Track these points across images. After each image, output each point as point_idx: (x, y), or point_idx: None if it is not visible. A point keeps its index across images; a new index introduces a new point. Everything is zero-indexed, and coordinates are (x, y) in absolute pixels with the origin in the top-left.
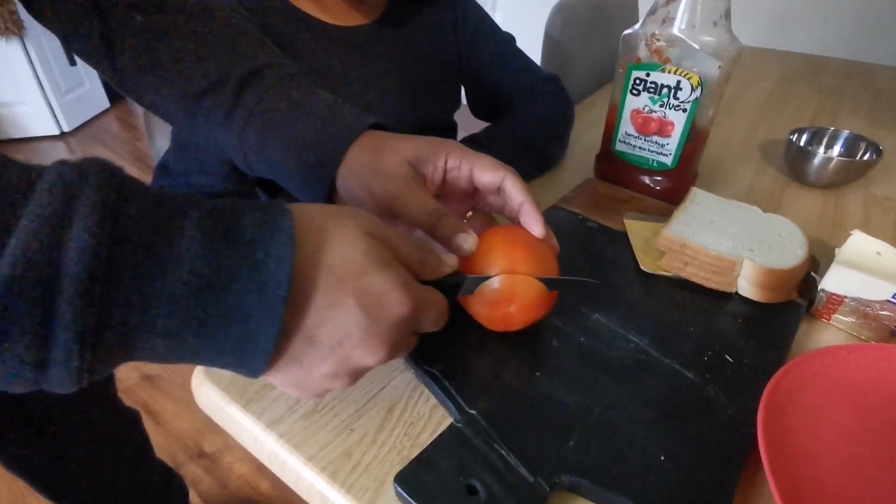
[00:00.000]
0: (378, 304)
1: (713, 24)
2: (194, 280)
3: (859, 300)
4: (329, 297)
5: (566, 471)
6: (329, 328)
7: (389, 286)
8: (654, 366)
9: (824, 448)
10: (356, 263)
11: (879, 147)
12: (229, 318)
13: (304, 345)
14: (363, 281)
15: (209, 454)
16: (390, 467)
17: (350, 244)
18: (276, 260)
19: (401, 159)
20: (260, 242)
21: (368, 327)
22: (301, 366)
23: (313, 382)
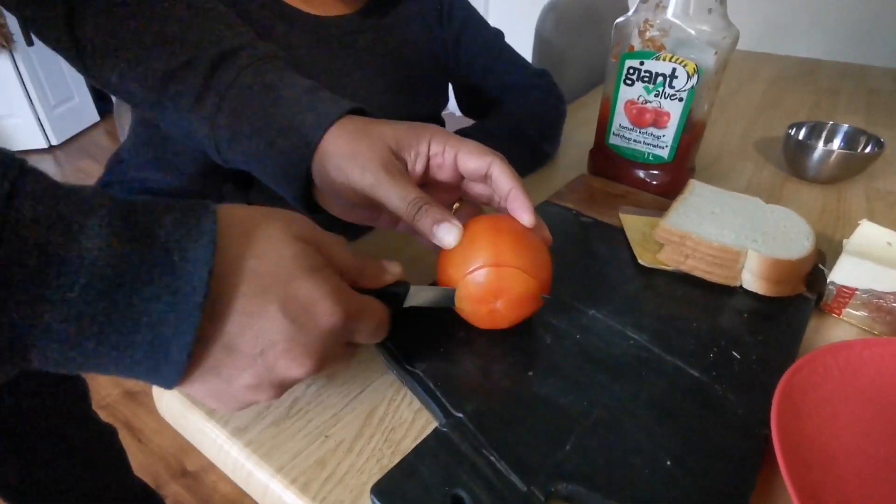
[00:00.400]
0: (305, 313)
1: (708, 10)
2: (96, 282)
3: (872, 292)
4: (252, 304)
5: (563, 478)
6: (251, 337)
7: (318, 294)
8: (656, 363)
9: (842, 449)
10: (283, 268)
11: (881, 140)
12: (137, 324)
13: (222, 354)
14: (290, 287)
15: (192, 473)
16: (368, 477)
17: (278, 248)
18: (193, 263)
19: (380, 145)
20: (177, 243)
21: (294, 337)
22: (219, 376)
23: (233, 394)
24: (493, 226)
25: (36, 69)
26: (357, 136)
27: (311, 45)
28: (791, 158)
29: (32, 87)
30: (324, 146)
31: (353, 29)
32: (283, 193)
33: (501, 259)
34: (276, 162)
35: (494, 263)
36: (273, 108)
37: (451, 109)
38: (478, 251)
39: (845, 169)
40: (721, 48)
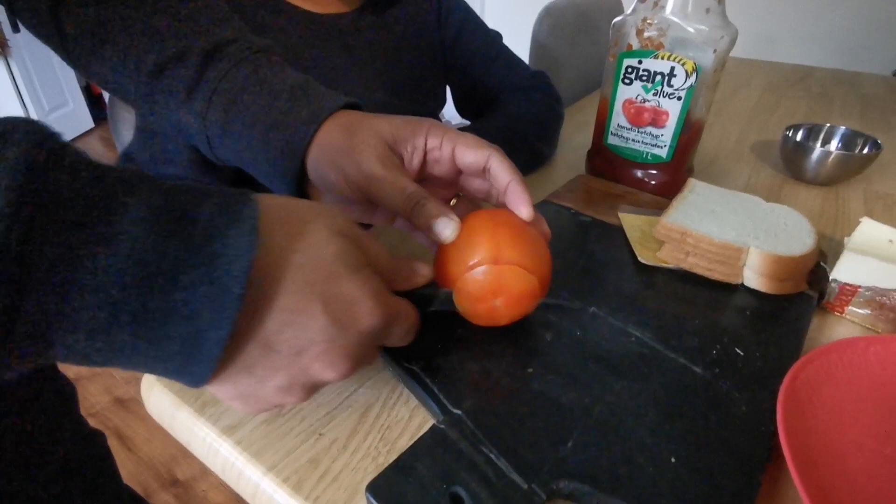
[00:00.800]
0: (347, 313)
1: (706, 10)
2: (133, 267)
3: (874, 289)
4: (294, 301)
5: (564, 476)
6: (291, 335)
7: (361, 294)
8: (659, 361)
9: (849, 446)
10: (327, 265)
11: (878, 141)
12: (173, 315)
13: (258, 352)
14: (334, 285)
15: (182, 482)
16: (363, 476)
17: (322, 243)
18: (234, 252)
19: (376, 138)
20: (217, 231)
21: (334, 337)
22: (252, 376)
23: (263, 396)
24: (492, 220)
25: (30, 74)
26: (352, 129)
27: (307, 41)
28: (789, 160)
29: (27, 92)
30: (318, 140)
31: (351, 27)
32: (275, 189)
33: (501, 255)
34: (269, 157)
35: (494, 260)
36: (266, 103)
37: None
38: (476, 247)
39: (843, 170)
40: (719, 47)
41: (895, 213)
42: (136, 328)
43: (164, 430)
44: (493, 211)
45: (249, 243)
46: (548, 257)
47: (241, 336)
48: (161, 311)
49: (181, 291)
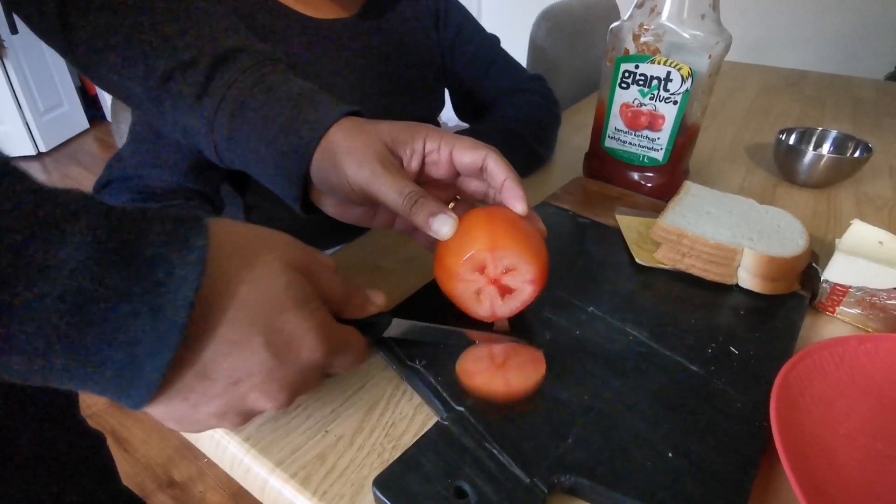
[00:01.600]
0: (289, 348)
1: (701, 16)
2: (72, 296)
3: (865, 290)
4: (236, 333)
5: (566, 470)
6: (228, 366)
7: (304, 329)
8: (656, 359)
9: (840, 441)
10: (273, 299)
11: (869, 145)
12: (111, 342)
13: (194, 380)
14: (277, 320)
15: (179, 483)
16: (369, 471)
17: (272, 276)
18: (179, 281)
19: (376, 141)
20: (163, 259)
21: (273, 370)
22: (186, 401)
23: (196, 419)
24: (488, 215)
25: (26, 75)
26: (353, 133)
27: (306, 46)
28: (782, 163)
29: (22, 93)
30: (322, 145)
31: (349, 32)
32: (280, 194)
33: (497, 244)
34: (275, 162)
35: (491, 248)
36: (273, 110)
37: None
38: (474, 238)
39: (835, 173)
40: (714, 52)
41: (885, 215)
42: (73, 353)
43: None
44: (491, 208)
45: (195, 273)
46: (544, 251)
47: (179, 363)
48: (100, 337)
49: (121, 319)
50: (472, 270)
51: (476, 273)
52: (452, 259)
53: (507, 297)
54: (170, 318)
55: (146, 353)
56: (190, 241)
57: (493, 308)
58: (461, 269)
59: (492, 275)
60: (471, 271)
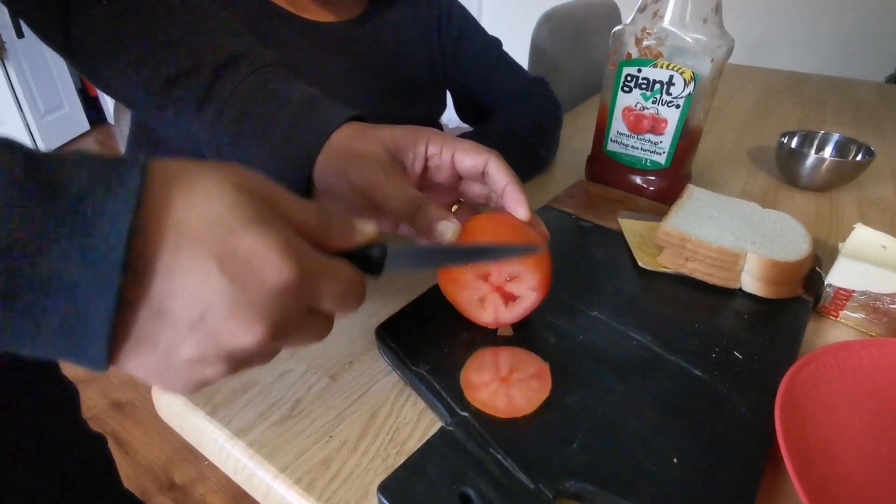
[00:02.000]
0: (248, 269)
1: (703, 20)
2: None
3: (868, 294)
4: (181, 261)
5: (571, 476)
6: (184, 300)
7: (263, 246)
8: (659, 363)
9: (844, 446)
10: (219, 219)
11: (871, 148)
12: (47, 289)
13: (154, 321)
14: (228, 240)
15: (180, 486)
16: (374, 476)
17: (212, 197)
18: (110, 217)
19: (379, 146)
20: (90, 197)
21: (236, 297)
22: (156, 349)
23: (177, 369)
24: (491, 221)
25: (27, 77)
26: (356, 138)
27: (305, 50)
28: (784, 166)
29: (23, 94)
30: (325, 150)
31: (349, 36)
32: None
33: None
34: (278, 168)
35: None
36: (276, 115)
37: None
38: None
39: (837, 176)
40: (717, 56)
41: (888, 219)
42: (7, 303)
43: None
44: (493, 214)
45: (127, 206)
46: (547, 258)
47: (132, 307)
48: (32, 284)
49: (52, 263)
50: (476, 278)
51: (480, 280)
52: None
53: (510, 304)
54: (105, 257)
55: (87, 300)
56: (123, 176)
57: (497, 315)
58: (465, 276)
59: (495, 282)
60: (475, 279)
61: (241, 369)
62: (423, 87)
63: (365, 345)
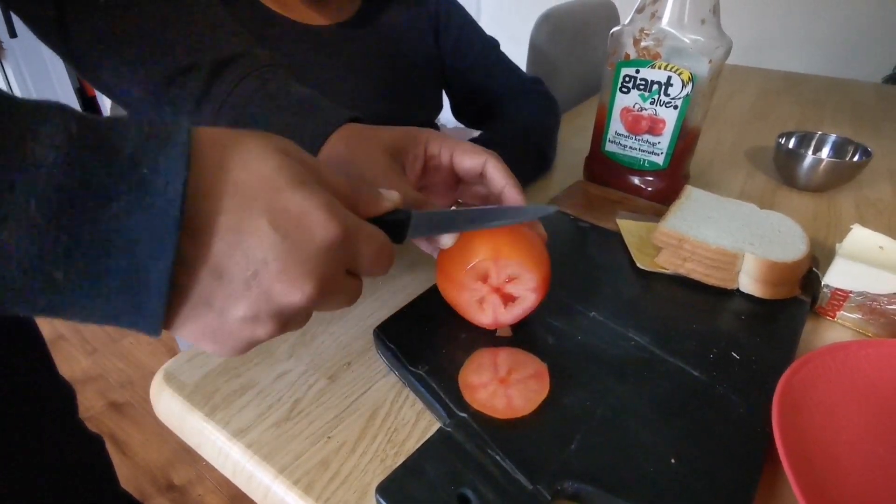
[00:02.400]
0: (298, 226)
1: (701, 21)
2: (54, 194)
3: (865, 294)
4: (237, 218)
5: (569, 477)
6: (240, 257)
7: (310, 205)
8: (658, 364)
9: (842, 446)
10: (268, 179)
11: (868, 149)
12: (107, 246)
13: (212, 280)
14: (278, 199)
15: (178, 487)
16: (372, 478)
17: (260, 159)
18: (165, 176)
19: (378, 148)
20: (145, 156)
21: (287, 253)
22: (211, 308)
23: (231, 329)
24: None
25: (24, 77)
26: (355, 140)
27: (302, 53)
28: (782, 167)
29: (20, 94)
30: (323, 152)
31: (343, 38)
32: None
33: (501, 254)
34: None
35: (494, 258)
36: (273, 117)
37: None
38: (477, 247)
39: (835, 177)
40: (715, 57)
41: (886, 219)
42: (69, 262)
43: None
44: None
45: (180, 165)
46: (546, 259)
47: (190, 265)
48: (93, 242)
49: (112, 220)
50: (475, 280)
51: (479, 282)
52: (455, 268)
53: (509, 305)
54: (163, 213)
55: (147, 256)
56: (171, 136)
57: (496, 316)
58: (464, 278)
59: (494, 284)
60: (474, 280)
61: (286, 330)
62: (420, 89)
63: (363, 345)
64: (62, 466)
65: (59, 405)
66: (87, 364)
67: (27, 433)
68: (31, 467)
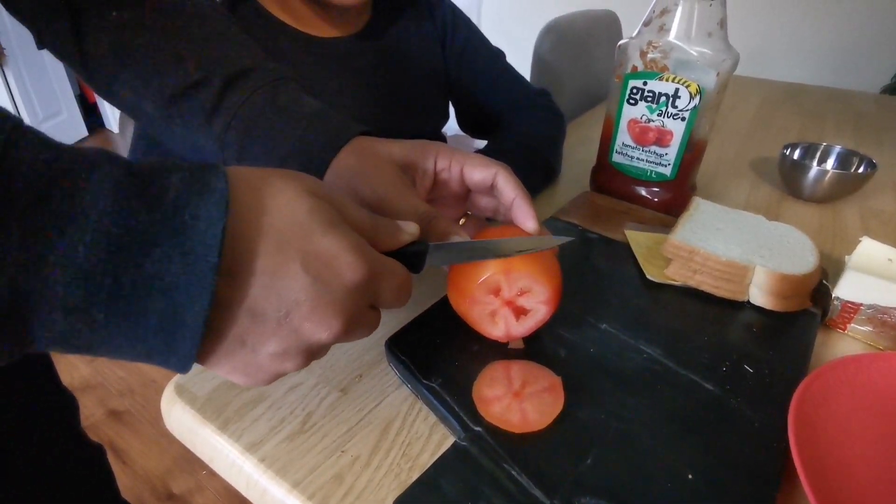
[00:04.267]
0: (328, 268)
1: (708, 34)
2: (102, 240)
3: (876, 307)
4: (272, 262)
5: (586, 492)
6: (275, 298)
7: (339, 248)
8: (671, 377)
9: (858, 461)
10: (300, 224)
11: (873, 161)
12: (148, 289)
13: (247, 320)
14: (309, 242)
15: (178, 495)
16: (387, 492)
17: (292, 203)
18: (205, 222)
19: (389, 162)
20: (186, 202)
21: (318, 295)
22: (245, 346)
23: (261, 364)
24: (500, 235)
25: (25, 83)
26: (365, 154)
27: (310, 65)
28: (787, 178)
29: (21, 100)
30: (333, 165)
31: (352, 51)
32: None
33: (513, 266)
34: None
35: (505, 272)
36: (284, 129)
37: (452, 133)
38: (489, 261)
39: (840, 189)
40: (722, 69)
41: (891, 230)
42: (111, 304)
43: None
44: (502, 228)
45: (220, 211)
46: (557, 271)
47: (227, 306)
48: (135, 285)
49: (154, 265)
50: (487, 293)
51: (491, 295)
52: (467, 281)
53: (521, 318)
54: (202, 258)
55: (185, 299)
56: (210, 183)
57: (508, 329)
58: (476, 291)
59: (506, 296)
60: (485, 293)
61: (310, 361)
62: (427, 100)
63: (374, 357)
64: (63, 475)
65: (61, 414)
66: (87, 372)
67: (29, 442)
68: (33, 476)
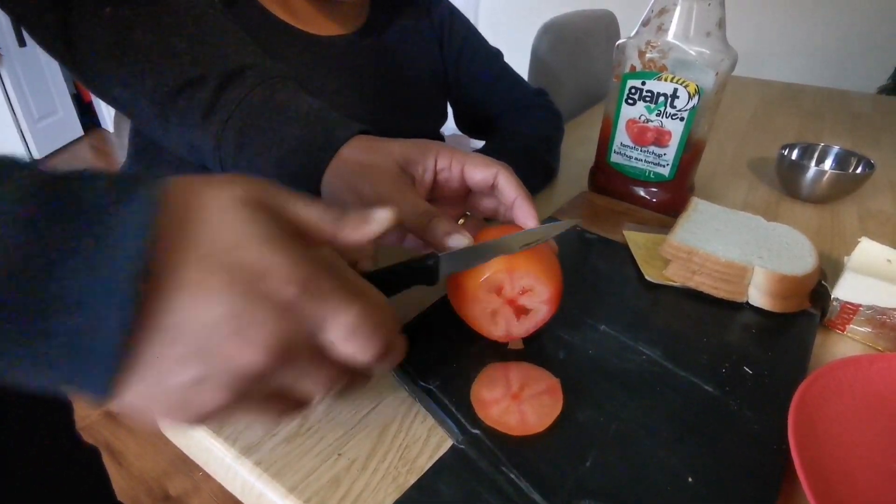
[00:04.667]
0: (255, 283)
1: (706, 34)
2: (10, 251)
3: (875, 308)
4: (192, 276)
5: (585, 495)
6: (193, 316)
7: (274, 261)
8: (670, 379)
9: (858, 463)
10: (227, 235)
11: (871, 161)
12: (58, 306)
13: (164, 342)
14: (234, 255)
15: (174, 497)
16: (385, 496)
17: (222, 213)
18: (124, 232)
19: (389, 161)
20: (106, 211)
21: (243, 312)
22: (160, 371)
23: (177, 395)
24: (501, 234)
25: (20, 82)
26: (366, 152)
27: (308, 63)
28: (785, 178)
29: (17, 99)
30: (332, 164)
31: (351, 49)
32: None
33: (515, 265)
34: (284, 181)
35: (507, 271)
36: (283, 128)
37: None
38: (491, 260)
39: (838, 189)
40: (720, 69)
41: (889, 231)
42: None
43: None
44: (503, 227)
45: (142, 222)
46: (558, 270)
47: (143, 328)
48: (46, 301)
49: (61, 280)
50: (489, 292)
51: (492, 294)
52: (469, 280)
53: (522, 318)
54: (120, 269)
55: (101, 314)
56: (137, 192)
57: (509, 328)
58: (478, 290)
59: (508, 296)
60: (487, 292)
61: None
62: (426, 100)
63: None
64: (59, 478)
65: (57, 417)
66: None
67: (24, 445)
68: (28, 479)
